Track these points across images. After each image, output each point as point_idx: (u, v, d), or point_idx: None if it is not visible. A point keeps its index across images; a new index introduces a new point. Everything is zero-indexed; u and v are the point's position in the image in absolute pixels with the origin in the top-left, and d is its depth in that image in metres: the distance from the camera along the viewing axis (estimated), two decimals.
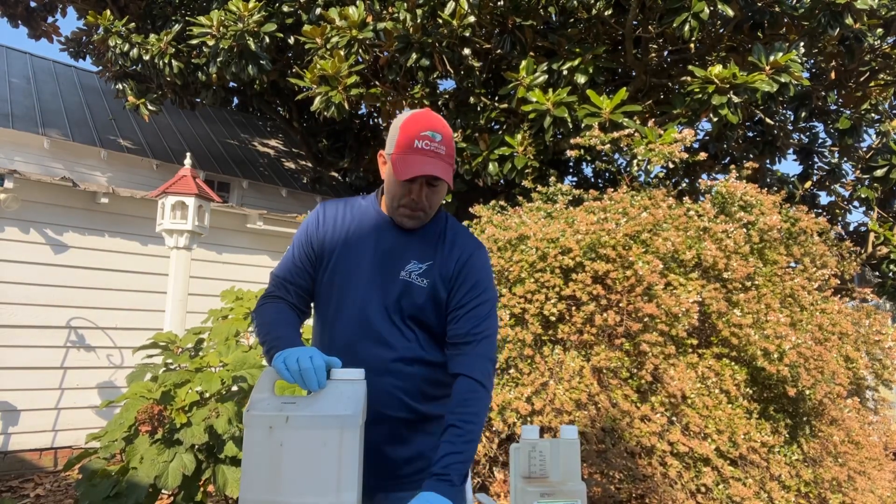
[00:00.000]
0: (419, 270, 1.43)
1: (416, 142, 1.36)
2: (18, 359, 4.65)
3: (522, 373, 3.39)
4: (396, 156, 1.38)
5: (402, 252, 1.45)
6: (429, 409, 1.44)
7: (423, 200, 1.41)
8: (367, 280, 1.44)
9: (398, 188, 1.41)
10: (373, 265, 1.44)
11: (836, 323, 3.76)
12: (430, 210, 1.45)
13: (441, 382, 1.45)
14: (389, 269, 1.44)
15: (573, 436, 1.36)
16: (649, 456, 3.24)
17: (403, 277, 1.42)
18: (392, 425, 1.41)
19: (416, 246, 1.46)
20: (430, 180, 1.39)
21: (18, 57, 9.27)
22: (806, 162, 7.59)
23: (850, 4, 4.80)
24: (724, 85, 4.71)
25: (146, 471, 2.31)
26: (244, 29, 5.69)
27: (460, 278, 1.43)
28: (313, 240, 1.50)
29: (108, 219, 5.11)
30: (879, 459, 3.83)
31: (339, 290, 1.45)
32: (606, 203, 4.04)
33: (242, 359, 2.68)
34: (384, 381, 1.38)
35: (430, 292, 1.42)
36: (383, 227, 1.48)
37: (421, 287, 1.42)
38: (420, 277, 1.42)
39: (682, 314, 3.24)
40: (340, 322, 1.44)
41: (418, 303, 1.42)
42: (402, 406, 1.41)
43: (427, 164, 1.35)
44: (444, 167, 1.37)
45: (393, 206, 1.44)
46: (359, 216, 1.52)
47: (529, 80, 5.16)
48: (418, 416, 1.43)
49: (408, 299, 1.41)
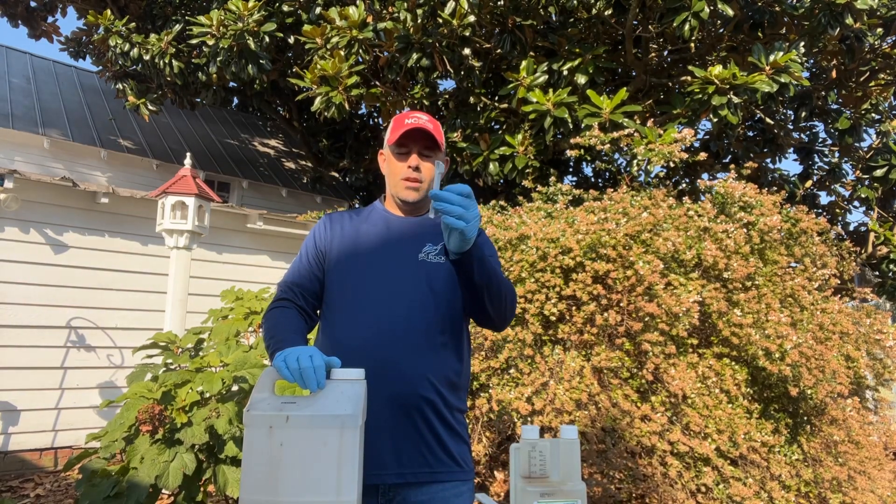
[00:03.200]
0: (435, 251, 1.49)
1: (406, 120, 1.52)
2: (18, 359, 4.65)
3: (523, 373, 3.39)
4: (390, 138, 1.53)
5: (415, 237, 1.52)
6: (452, 397, 1.46)
7: (419, 167, 1.51)
8: (385, 272, 1.47)
9: (396, 163, 1.53)
10: (388, 256, 1.50)
11: (836, 322, 3.76)
12: (427, 182, 1.53)
13: (461, 373, 1.50)
14: (406, 255, 1.49)
15: (573, 436, 1.36)
16: (649, 456, 3.24)
17: (423, 258, 1.48)
18: (426, 406, 1.41)
19: (427, 230, 1.53)
20: (422, 151, 1.51)
21: (18, 57, 9.28)
22: (806, 161, 7.60)
23: (850, 4, 4.80)
24: (724, 85, 4.72)
25: (147, 471, 2.31)
26: (244, 28, 5.69)
27: None
28: (321, 244, 1.55)
29: (108, 219, 5.12)
30: (879, 459, 3.83)
31: (353, 290, 1.47)
32: (606, 203, 4.04)
33: (243, 359, 2.68)
34: (414, 365, 1.40)
35: (450, 267, 1.47)
36: (392, 219, 1.57)
37: (440, 264, 1.48)
38: (437, 256, 1.49)
39: (682, 314, 3.25)
40: (361, 321, 1.44)
41: (442, 278, 1.47)
42: (432, 389, 1.42)
43: (417, 125, 1.49)
44: (432, 132, 1.49)
45: (394, 183, 1.54)
46: (366, 218, 1.60)
47: (530, 81, 5.17)
48: (442, 400, 1.43)
49: (427, 282, 1.46)
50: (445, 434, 1.43)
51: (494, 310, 1.45)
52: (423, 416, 1.41)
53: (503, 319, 1.49)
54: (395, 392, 1.37)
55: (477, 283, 1.39)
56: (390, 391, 1.36)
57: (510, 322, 1.58)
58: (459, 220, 1.25)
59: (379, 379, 1.30)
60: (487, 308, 1.44)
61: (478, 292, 1.41)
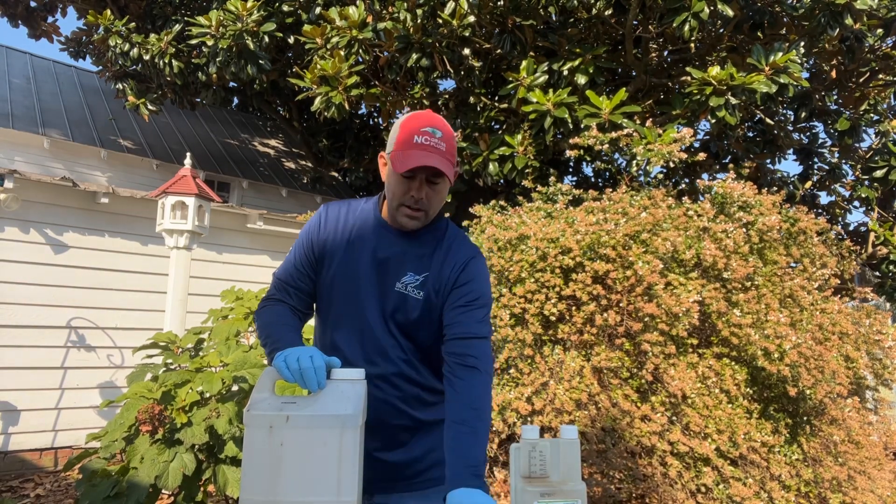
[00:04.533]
0: (415, 283, 1.41)
1: (416, 137, 1.33)
2: (18, 359, 4.65)
3: (522, 373, 3.39)
4: (395, 152, 1.36)
5: (398, 263, 1.43)
6: (426, 415, 1.46)
7: (423, 199, 1.37)
8: (367, 288, 1.44)
9: (398, 186, 1.38)
10: (371, 274, 1.44)
11: (836, 322, 3.76)
12: (431, 211, 1.42)
13: (436, 390, 1.46)
14: (386, 280, 1.43)
15: (573, 436, 1.36)
16: (649, 456, 3.24)
17: (399, 289, 1.41)
18: (391, 432, 1.43)
19: (413, 256, 1.44)
20: (430, 177, 1.36)
21: (18, 57, 9.27)
22: (806, 162, 7.60)
23: (850, 5, 4.80)
24: (722, 86, 4.71)
25: (146, 471, 2.31)
26: (243, 29, 5.68)
27: (457, 283, 1.42)
28: (314, 243, 1.50)
29: (108, 219, 5.11)
30: (879, 459, 3.83)
31: (340, 294, 1.45)
32: (605, 203, 4.04)
33: (243, 359, 2.68)
34: (382, 390, 1.41)
35: (425, 304, 1.42)
36: (382, 234, 1.46)
37: (416, 300, 1.41)
38: (416, 290, 1.41)
39: (682, 314, 3.25)
40: (342, 327, 1.45)
41: (412, 317, 1.41)
42: (401, 414, 1.43)
43: (426, 157, 1.31)
44: (444, 162, 1.33)
45: (393, 205, 1.41)
46: (360, 221, 1.50)
47: (530, 81, 5.17)
48: (416, 422, 1.45)
49: (402, 313, 1.41)
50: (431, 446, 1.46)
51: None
52: (395, 440, 1.44)
53: None
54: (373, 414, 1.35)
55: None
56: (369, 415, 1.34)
57: None
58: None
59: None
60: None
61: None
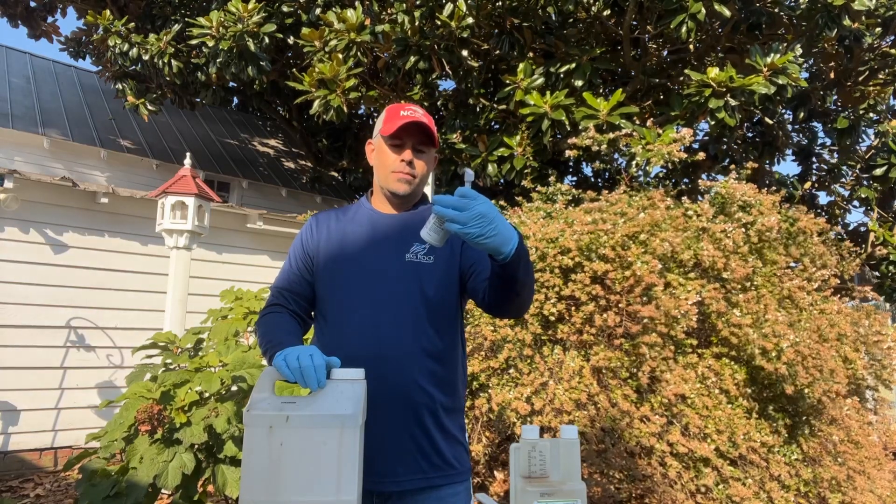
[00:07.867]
0: (423, 250, 1.47)
1: (401, 111, 1.47)
2: (18, 359, 4.65)
3: (522, 373, 3.39)
4: (384, 127, 1.48)
5: (401, 236, 1.48)
6: (447, 400, 1.45)
7: (413, 164, 1.48)
8: (372, 275, 1.45)
9: (388, 155, 1.49)
10: (374, 258, 1.47)
11: (834, 324, 3.76)
12: (420, 178, 1.50)
13: (457, 373, 1.49)
14: (394, 254, 1.46)
15: (573, 436, 1.36)
16: (649, 456, 3.24)
17: (410, 259, 1.46)
18: (419, 411, 1.41)
19: (414, 228, 1.45)
20: (417, 145, 1.48)
21: (18, 57, 9.27)
22: (805, 162, 7.60)
23: (848, 5, 4.81)
24: (721, 88, 4.72)
25: (146, 470, 2.31)
26: (244, 30, 5.69)
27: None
28: (309, 247, 1.53)
29: (108, 219, 5.12)
30: (879, 459, 3.83)
31: (341, 295, 1.46)
32: (602, 204, 4.05)
33: (242, 359, 2.68)
34: (403, 369, 1.39)
35: (440, 266, 1.45)
36: (377, 218, 1.53)
37: (428, 264, 1.45)
38: (426, 256, 1.46)
39: (680, 316, 3.25)
40: (350, 322, 1.44)
41: (432, 278, 1.45)
42: (425, 393, 1.41)
43: (412, 118, 1.45)
44: (427, 127, 1.46)
45: (384, 175, 1.50)
46: (352, 216, 1.56)
47: (527, 83, 5.17)
48: (439, 406, 1.43)
49: (416, 283, 1.44)
50: (440, 438, 1.43)
51: (524, 302, 1.38)
52: (417, 421, 1.40)
53: (526, 308, 1.43)
54: (387, 398, 1.36)
55: (520, 281, 1.30)
56: (382, 398, 1.34)
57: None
58: (453, 224, 1.17)
59: (370, 385, 1.27)
60: (518, 302, 1.36)
61: (516, 289, 1.32)
